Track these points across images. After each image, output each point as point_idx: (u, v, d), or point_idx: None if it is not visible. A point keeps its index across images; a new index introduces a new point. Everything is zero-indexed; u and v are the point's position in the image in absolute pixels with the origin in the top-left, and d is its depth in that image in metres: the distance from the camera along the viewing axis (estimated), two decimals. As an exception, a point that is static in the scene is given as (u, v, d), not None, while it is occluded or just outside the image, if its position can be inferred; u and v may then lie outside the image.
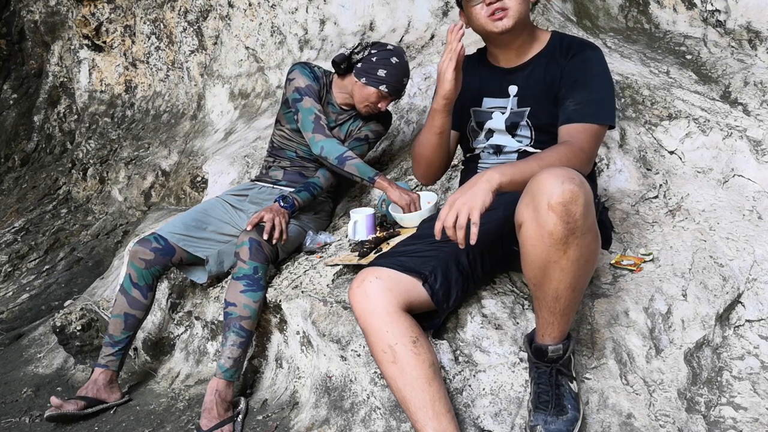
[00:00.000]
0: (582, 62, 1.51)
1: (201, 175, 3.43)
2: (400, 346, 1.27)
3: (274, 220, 1.97)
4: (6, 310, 3.31)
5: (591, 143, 1.43)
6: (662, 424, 1.33)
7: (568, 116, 1.46)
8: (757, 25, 2.64)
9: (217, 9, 3.97)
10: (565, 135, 1.44)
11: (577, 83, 1.49)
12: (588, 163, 1.43)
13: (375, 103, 2.16)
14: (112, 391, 2.05)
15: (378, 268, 1.37)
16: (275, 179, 2.31)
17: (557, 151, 1.36)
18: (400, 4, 3.12)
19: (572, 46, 1.54)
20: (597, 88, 1.48)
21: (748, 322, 1.66)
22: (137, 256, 2.03)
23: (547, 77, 1.54)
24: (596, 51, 1.54)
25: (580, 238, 1.15)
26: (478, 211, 1.21)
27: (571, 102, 1.47)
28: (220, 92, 3.72)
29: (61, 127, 5.03)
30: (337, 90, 2.28)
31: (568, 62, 1.51)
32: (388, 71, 2.11)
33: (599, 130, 1.46)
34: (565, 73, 1.51)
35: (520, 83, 1.59)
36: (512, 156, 1.60)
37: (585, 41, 1.59)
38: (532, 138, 1.58)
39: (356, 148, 2.23)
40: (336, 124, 2.28)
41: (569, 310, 1.25)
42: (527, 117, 1.57)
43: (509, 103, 1.60)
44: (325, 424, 1.61)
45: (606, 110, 1.47)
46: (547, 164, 1.28)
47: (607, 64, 1.54)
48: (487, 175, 1.25)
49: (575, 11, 2.96)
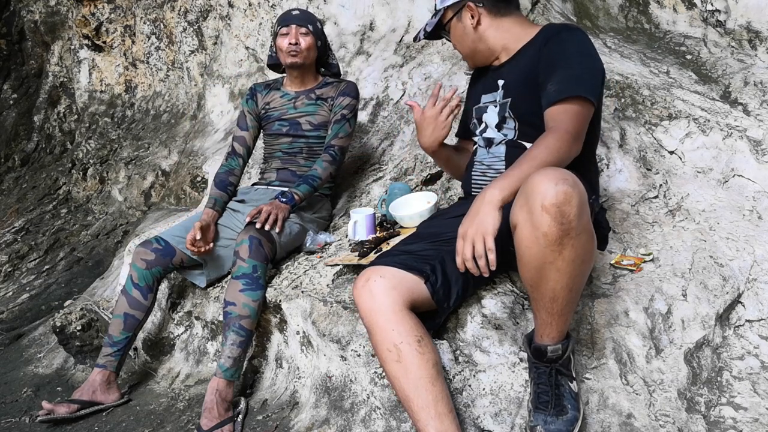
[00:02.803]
0: (557, 45, 1.49)
1: (201, 175, 3.44)
2: (405, 345, 1.27)
3: (272, 213, 2.01)
4: (6, 310, 3.31)
5: (575, 122, 1.40)
6: (662, 424, 1.33)
7: (548, 98, 1.44)
8: (757, 25, 2.64)
9: (217, 9, 3.97)
10: (549, 119, 1.43)
11: (554, 65, 1.46)
12: (576, 143, 1.39)
13: (288, 46, 2.27)
14: (109, 392, 2.05)
15: (381, 267, 1.37)
16: (269, 180, 2.37)
17: (544, 144, 1.34)
18: (400, 4, 3.12)
19: (549, 32, 1.53)
20: (574, 65, 1.45)
21: (748, 322, 1.66)
22: (138, 257, 2.05)
23: (526, 68, 1.55)
24: (573, 31, 1.51)
25: (575, 239, 1.15)
26: (491, 237, 1.21)
27: (551, 85, 1.45)
28: (220, 92, 3.72)
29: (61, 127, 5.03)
30: (287, 81, 2.42)
31: (545, 48, 1.50)
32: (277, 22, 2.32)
33: (582, 106, 1.41)
34: (542, 60, 1.50)
35: (506, 76, 1.61)
36: (500, 147, 1.62)
37: (565, 25, 1.56)
38: (516, 129, 1.59)
39: (340, 130, 2.32)
40: (296, 108, 2.36)
41: (567, 310, 1.25)
42: (509, 108, 1.58)
43: (497, 96, 1.62)
44: (325, 424, 1.61)
45: (584, 84, 1.42)
46: (539, 162, 1.28)
47: (588, 41, 1.50)
48: (487, 195, 1.26)
49: (575, 11, 2.96)
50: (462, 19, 1.61)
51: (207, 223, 2.11)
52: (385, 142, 2.71)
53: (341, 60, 3.14)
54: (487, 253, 1.22)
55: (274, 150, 2.39)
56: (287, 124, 2.34)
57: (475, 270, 1.24)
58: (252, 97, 2.42)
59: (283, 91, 2.39)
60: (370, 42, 3.16)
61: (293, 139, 2.34)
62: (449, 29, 1.67)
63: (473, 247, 1.23)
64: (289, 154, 2.35)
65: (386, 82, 2.90)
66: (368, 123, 2.86)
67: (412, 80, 2.81)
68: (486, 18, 1.60)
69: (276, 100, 2.38)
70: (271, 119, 2.37)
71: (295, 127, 2.33)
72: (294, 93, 2.37)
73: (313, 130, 2.34)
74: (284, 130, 2.34)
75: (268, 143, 2.41)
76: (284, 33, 2.26)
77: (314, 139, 2.35)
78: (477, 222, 1.23)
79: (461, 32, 1.64)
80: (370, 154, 2.70)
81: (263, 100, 2.40)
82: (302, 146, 2.34)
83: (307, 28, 2.28)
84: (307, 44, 2.28)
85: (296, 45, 2.26)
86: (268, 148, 2.42)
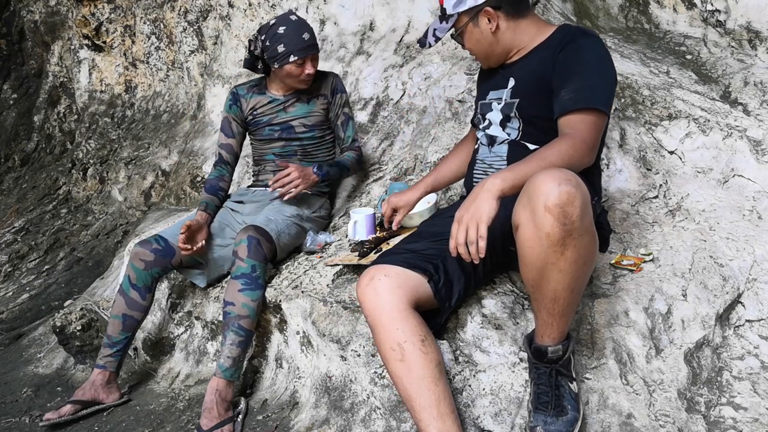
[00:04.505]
0: (573, 51, 1.47)
1: (201, 175, 3.44)
2: (409, 344, 1.27)
3: (298, 181, 2.08)
4: (6, 310, 3.31)
5: (592, 132, 1.39)
6: (662, 424, 1.33)
7: (563, 106, 1.42)
8: (757, 25, 2.64)
9: (217, 9, 3.97)
10: (564, 127, 1.41)
11: (570, 72, 1.45)
12: (591, 154, 1.39)
13: (299, 73, 2.18)
14: (110, 392, 2.05)
15: (385, 266, 1.37)
16: (266, 182, 2.33)
17: (558, 148, 1.33)
18: (400, 4, 3.12)
19: (566, 36, 1.51)
20: (591, 75, 1.43)
21: (748, 322, 1.66)
22: (137, 257, 2.03)
23: (539, 70, 1.53)
24: (590, 38, 1.49)
25: (577, 240, 1.15)
26: (484, 225, 1.20)
27: (565, 92, 1.43)
28: (220, 92, 3.72)
29: (61, 127, 5.03)
30: (273, 86, 2.32)
31: (560, 53, 1.48)
32: (284, 43, 2.12)
33: (598, 117, 1.40)
34: (557, 65, 1.48)
35: (516, 75, 1.60)
36: (503, 147, 1.61)
37: (581, 29, 1.54)
38: (519, 129, 1.58)
39: (347, 129, 2.37)
40: (286, 112, 2.31)
41: (568, 311, 1.25)
42: (515, 108, 1.57)
43: (504, 95, 1.61)
44: (325, 424, 1.61)
45: (601, 95, 1.41)
46: (548, 164, 1.27)
47: (605, 50, 1.48)
48: (488, 183, 1.25)
49: (575, 11, 2.96)
50: (479, 23, 1.57)
51: (198, 224, 2.10)
52: (385, 142, 2.71)
53: (341, 60, 3.14)
54: (478, 239, 1.21)
55: (264, 153, 2.34)
56: (278, 128, 2.30)
57: (467, 255, 1.23)
58: (235, 102, 2.32)
59: (270, 96, 2.31)
60: (370, 42, 3.16)
61: (286, 142, 2.31)
62: (463, 34, 1.63)
63: (467, 233, 1.22)
64: (282, 156, 2.32)
65: (386, 82, 2.90)
66: (368, 123, 2.86)
67: (412, 80, 2.81)
68: (504, 21, 1.56)
69: (263, 105, 2.31)
70: (260, 125, 2.31)
71: (287, 131, 2.30)
72: (282, 97, 2.30)
73: (307, 131, 2.31)
74: (276, 135, 2.30)
75: (258, 147, 2.36)
76: (299, 63, 2.15)
77: (308, 140, 2.32)
78: (473, 208, 1.23)
79: (478, 37, 1.60)
80: (370, 154, 2.70)
81: (248, 105, 2.32)
82: (296, 148, 2.31)
83: (317, 52, 2.21)
84: (316, 68, 2.23)
85: (311, 75, 2.20)
86: (257, 151, 2.37)
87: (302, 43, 2.13)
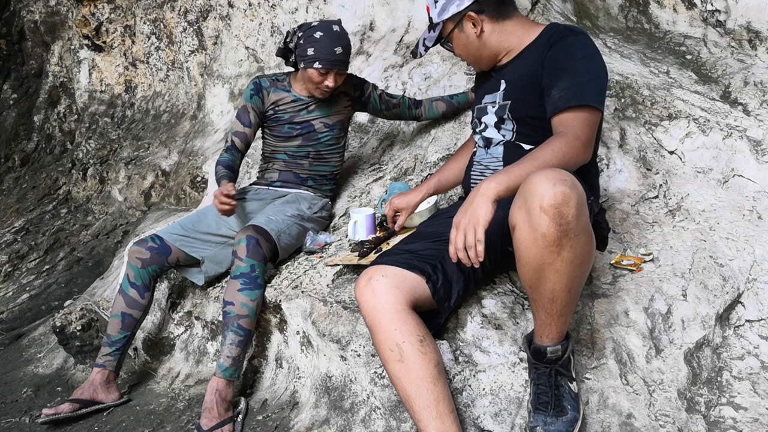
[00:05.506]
0: (562, 49, 1.47)
1: (201, 175, 3.44)
2: (408, 344, 1.27)
3: None
4: (6, 310, 3.31)
5: (585, 129, 1.38)
6: (662, 424, 1.33)
7: (555, 105, 1.42)
8: (757, 25, 2.64)
9: (217, 9, 3.97)
10: (557, 125, 1.41)
11: (559, 70, 1.44)
12: (586, 151, 1.38)
13: (320, 82, 2.15)
14: (109, 391, 2.05)
15: (383, 266, 1.37)
16: (270, 180, 2.33)
17: (552, 147, 1.33)
18: (400, 4, 3.12)
19: (554, 35, 1.51)
20: (581, 71, 1.43)
21: (748, 322, 1.66)
22: (134, 256, 2.04)
23: (528, 70, 1.53)
24: (579, 36, 1.49)
25: (573, 240, 1.15)
26: (482, 229, 1.21)
27: (556, 91, 1.43)
28: (220, 92, 3.72)
29: (61, 127, 5.03)
30: (297, 84, 2.29)
31: (549, 52, 1.48)
32: (315, 48, 2.10)
33: (590, 113, 1.40)
34: (546, 64, 1.48)
35: (507, 77, 1.60)
36: (498, 148, 1.61)
37: (569, 28, 1.54)
38: (514, 130, 1.59)
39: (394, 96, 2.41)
40: (309, 112, 2.28)
41: (566, 311, 1.25)
42: (508, 110, 1.58)
43: (497, 97, 1.62)
44: (325, 424, 1.61)
45: (592, 92, 1.41)
46: (542, 164, 1.27)
47: (594, 47, 1.48)
48: (483, 187, 1.25)
49: (575, 11, 2.96)
50: (464, 29, 1.58)
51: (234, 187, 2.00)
52: (385, 142, 2.71)
53: (341, 60, 3.13)
54: (476, 244, 1.21)
55: (277, 150, 2.32)
56: (299, 127, 2.28)
57: (466, 260, 1.24)
58: (257, 93, 2.27)
59: (294, 95, 2.28)
60: (370, 42, 3.16)
61: (303, 142, 2.29)
62: (451, 40, 1.64)
63: (465, 238, 1.23)
64: (294, 156, 2.30)
65: (386, 82, 2.90)
66: (368, 123, 2.86)
67: (412, 80, 2.81)
68: (488, 24, 1.57)
69: (286, 103, 2.28)
70: (280, 122, 2.29)
71: (307, 131, 2.28)
72: (306, 98, 2.28)
73: (327, 131, 2.30)
74: (294, 133, 2.28)
75: (272, 143, 2.34)
76: (323, 72, 2.12)
77: (325, 141, 2.31)
78: (470, 213, 1.23)
79: (464, 42, 1.61)
80: (370, 154, 2.70)
81: (270, 99, 2.28)
82: (310, 150, 2.30)
83: (344, 69, 2.18)
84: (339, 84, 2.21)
85: (331, 88, 2.18)
86: (269, 147, 2.35)
87: (332, 55, 2.10)
